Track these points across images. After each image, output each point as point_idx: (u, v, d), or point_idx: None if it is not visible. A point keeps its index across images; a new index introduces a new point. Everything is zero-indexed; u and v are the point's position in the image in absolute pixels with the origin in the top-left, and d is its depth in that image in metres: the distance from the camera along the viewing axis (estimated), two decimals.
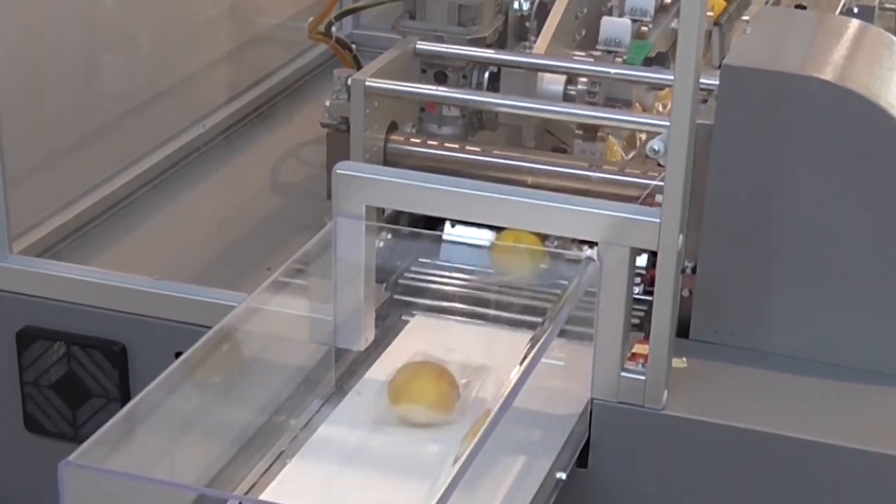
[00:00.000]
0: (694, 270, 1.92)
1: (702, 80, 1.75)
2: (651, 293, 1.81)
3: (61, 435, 2.15)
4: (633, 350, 1.86)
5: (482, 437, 1.49)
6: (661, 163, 1.80)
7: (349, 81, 2.13)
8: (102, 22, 2.44)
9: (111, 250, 2.32)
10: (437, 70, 2.24)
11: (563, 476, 1.76)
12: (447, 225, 2.08)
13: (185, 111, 2.64)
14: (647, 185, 2.01)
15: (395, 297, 2.02)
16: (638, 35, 2.32)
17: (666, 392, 1.83)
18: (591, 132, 2.20)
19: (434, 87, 2.19)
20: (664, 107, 2.30)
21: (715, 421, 1.81)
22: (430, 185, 1.85)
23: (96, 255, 2.29)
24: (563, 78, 2.20)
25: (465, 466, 1.45)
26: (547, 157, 2.17)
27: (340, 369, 1.87)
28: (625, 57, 2.25)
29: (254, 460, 1.67)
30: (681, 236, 1.76)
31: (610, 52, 2.25)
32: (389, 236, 1.99)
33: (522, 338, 1.80)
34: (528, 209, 1.81)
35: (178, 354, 1.62)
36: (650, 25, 2.35)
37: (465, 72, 2.24)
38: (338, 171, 1.85)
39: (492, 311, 2.00)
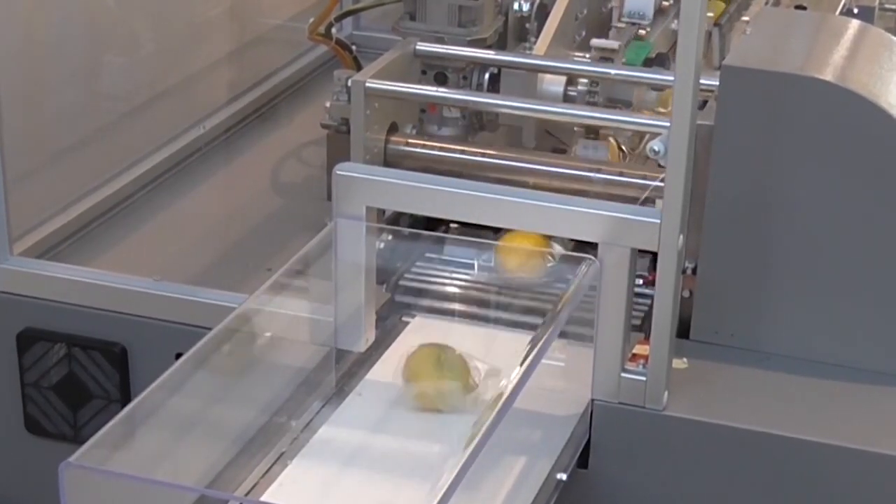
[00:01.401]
0: (694, 271, 1.92)
1: (702, 81, 1.75)
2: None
3: (62, 436, 2.15)
4: (634, 351, 1.86)
5: (483, 437, 1.49)
6: (662, 164, 1.80)
7: (349, 83, 2.13)
8: (103, 22, 2.44)
9: (112, 252, 2.32)
10: (438, 71, 2.24)
11: (564, 477, 1.76)
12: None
13: (186, 112, 2.64)
14: (647, 187, 2.01)
15: (396, 298, 2.02)
16: (658, 10, 2.31)
17: (666, 393, 1.83)
18: (593, 132, 2.20)
19: (434, 89, 2.19)
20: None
21: (715, 421, 1.81)
22: (431, 187, 1.85)
23: (97, 256, 2.29)
24: (563, 79, 2.20)
25: (466, 467, 1.45)
26: (547, 158, 2.17)
27: (341, 370, 1.87)
28: (647, 30, 2.25)
29: (254, 461, 1.67)
30: (681, 237, 1.76)
31: (633, 24, 2.25)
32: (390, 237, 1.99)
33: (523, 339, 1.80)
34: (529, 210, 1.81)
35: (178, 355, 1.62)
36: (671, 0, 2.35)
37: (465, 73, 2.24)
38: (338, 172, 1.85)
39: (492, 312, 2.00)
